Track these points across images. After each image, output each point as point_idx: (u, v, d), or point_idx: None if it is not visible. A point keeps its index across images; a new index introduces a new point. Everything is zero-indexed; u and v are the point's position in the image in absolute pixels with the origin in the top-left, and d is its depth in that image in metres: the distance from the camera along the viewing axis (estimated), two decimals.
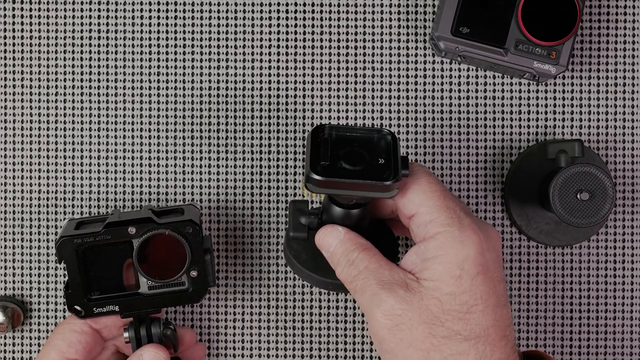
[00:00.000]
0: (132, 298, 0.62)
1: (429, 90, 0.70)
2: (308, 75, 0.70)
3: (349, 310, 0.71)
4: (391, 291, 0.54)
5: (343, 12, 0.70)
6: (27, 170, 0.70)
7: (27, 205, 0.70)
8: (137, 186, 0.70)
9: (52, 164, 0.70)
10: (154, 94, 0.70)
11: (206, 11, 0.70)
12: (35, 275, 0.70)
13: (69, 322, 0.63)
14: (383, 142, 0.57)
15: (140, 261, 0.61)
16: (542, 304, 0.70)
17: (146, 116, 0.70)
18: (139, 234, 0.61)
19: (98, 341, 0.64)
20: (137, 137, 0.70)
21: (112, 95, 0.70)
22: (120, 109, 0.70)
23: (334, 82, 0.70)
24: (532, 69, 0.66)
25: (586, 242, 0.70)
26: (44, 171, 0.70)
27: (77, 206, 0.70)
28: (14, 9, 0.71)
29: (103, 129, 0.70)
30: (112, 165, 0.70)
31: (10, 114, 0.71)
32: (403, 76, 0.70)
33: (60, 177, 0.70)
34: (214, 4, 0.70)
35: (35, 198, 0.70)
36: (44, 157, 0.70)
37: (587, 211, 0.64)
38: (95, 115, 0.71)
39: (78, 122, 0.70)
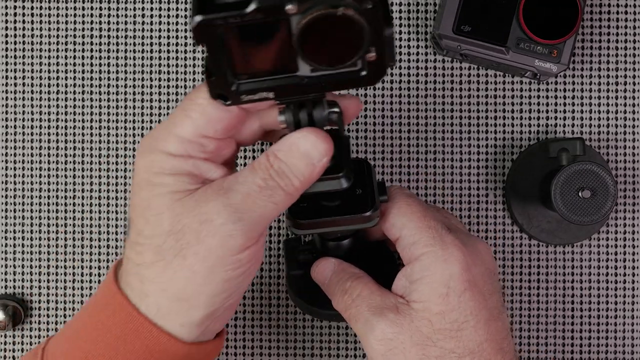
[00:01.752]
0: (289, 81, 0.48)
1: (430, 89, 0.70)
2: None
3: None
4: (382, 316, 0.54)
5: None
6: (27, 168, 0.70)
7: (27, 204, 0.70)
8: None
9: (54, 162, 0.70)
10: (155, 92, 0.70)
11: None
12: (35, 273, 0.70)
13: (204, 95, 0.49)
14: (359, 172, 0.56)
15: (302, 42, 0.45)
16: (544, 302, 0.70)
17: (147, 114, 0.70)
18: (300, 11, 0.44)
19: (241, 119, 0.51)
20: (139, 135, 0.70)
21: (113, 93, 0.70)
22: (121, 107, 0.70)
23: None
24: (534, 68, 0.66)
25: (587, 241, 0.70)
26: (44, 169, 0.70)
27: (79, 204, 0.70)
28: (15, 7, 0.71)
29: (104, 127, 0.70)
30: (113, 164, 0.70)
31: (11, 112, 0.70)
32: (404, 74, 0.70)
33: (62, 175, 0.70)
34: None
35: (36, 196, 0.70)
36: (45, 154, 0.70)
37: (588, 209, 0.64)
38: (96, 114, 0.70)
39: (79, 120, 0.70)
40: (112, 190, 0.70)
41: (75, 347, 0.52)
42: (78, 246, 0.70)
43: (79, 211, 0.70)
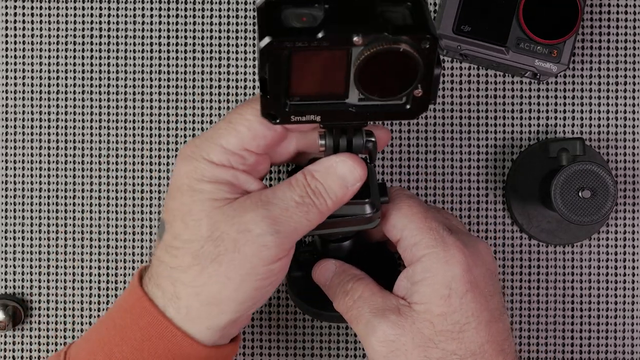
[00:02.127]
0: (337, 107, 0.50)
1: None
2: None
3: None
4: (383, 317, 0.54)
5: None
6: (27, 168, 0.70)
7: (27, 204, 0.70)
8: (138, 184, 0.70)
9: (54, 162, 0.70)
10: (155, 92, 0.70)
11: (207, 9, 0.70)
12: (35, 273, 0.70)
13: (253, 111, 0.52)
14: None
15: (361, 73, 0.48)
16: (543, 302, 0.70)
17: (147, 114, 0.70)
18: (364, 43, 0.47)
19: (283, 138, 0.55)
20: (139, 135, 0.70)
21: (113, 93, 0.70)
22: (121, 107, 0.70)
23: None
24: (534, 68, 0.66)
25: (587, 241, 0.70)
26: (44, 169, 0.70)
27: (79, 204, 0.70)
28: (15, 7, 0.71)
29: (104, 127, 0.70)
30: (113, 163, 0.70)
31: (11, 112, 0.70)
32: None
33: (62, 175, 0.70)
34: (215, 3, 0.70)
35: (36, 196, 0.70)
36: (45, 154, 0.70)
37: (588, 209, 0.64)
38: (96, 114, 0.70)
39: (79, 120, 0.70)
40: (112, 190, 0.70)
41: (99, 349, 0.53)
42: (78, 246, 0.70)
43: (79, 211, 0.70)
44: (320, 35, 0.46)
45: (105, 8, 0.70)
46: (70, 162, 0.70)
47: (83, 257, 0.70)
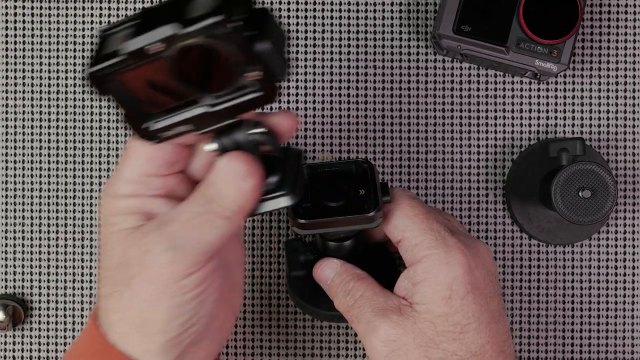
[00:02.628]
0: (198, 112, 0.49)
1: (430, 89, 0.70)
2: (310, 74, 0.70)
3: None
4: (385, 317, 0.54)
5: (344, 10, 0.70)
6: (27, 168, 0.70)
7: (27, 204, 0.70)
8: None
9: (54, 162, 0.70)
10: None
11: None
12: (36, 273, 0.70)
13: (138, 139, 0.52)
14: (362, 172, 0.57)
15: (179, 76, 0.46)
16: (544, 302, 0.70)
17: None
18: (165, 49, 0.45)
19: (183, 154, 0.53)
20: None
21: None
22: None
23: (335, 81, 0.70)
24: (534, 67, 0.66)
25: (587, 241, 0.70)
26: (44, 169, 0.70)
27: (79, 204, 0.70)
28: (15, 7, 0.71)
29: (104, 127, 0.70)
30: (113, 163, 0.70)
31: (11, 112, 0.70)
32: (404, 74, 0.70)
33: (62, 175, 0.70)
34: None
35: (36, 196, 0.70)
36: (45, 154, 0.70)
37: (589, 209, 0.64)
38: (96, 114, 0.70)
39: (79, 120, 0.70)
40: None
41: None
42: (78, 246, 0.70)
43: (79, 211, 0.70)
44: (121, 54, 0.45)
45: (105, 8, 0.70)
46: (70, 162, 0.70)
47: (83, 257, 0.70)
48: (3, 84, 0.71)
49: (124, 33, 0.47)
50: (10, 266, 0.70)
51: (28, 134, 0.70)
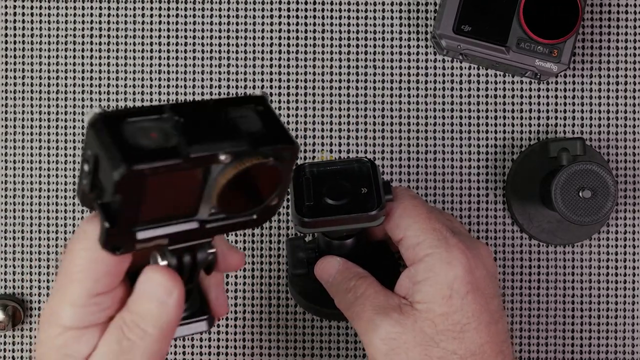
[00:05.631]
0: (186, 227, 0.46)
1: (430, 89, 0.70)
2: (310, 74, 0.70)
3: None
4: (386, 316, 0.54)
5: (345, 10, 0.70)
6: (27, 168, 0.70)
7: (27, 204, 0.70)
8: None
9: (54, 162, 0.70)
10: (155, 92, 0.70)
11: (208, 9, 0.70)
12: (35, 273, 0.70)
13: (83, 246, 0.45)
14: (364, 171, 0.57)
15: (223, 191, 0.44)
16: (544, 302, 0.70)
17: None
18: (230, 161, 0.43)
19: (127, 262, 0.47)
20: None
21: (113, 93, 0.70)
22: (121, 107, 0.70)
23: (335, 81, 0.70)
24: (534, 67, 0.66)
25: (588, 241, 0.70)
26: (44, 169, 0.70)
27: (79, 204, 0.70)
28: (15, 7, 0.71)
29: None
30: None
31: (11, 112, 0.70)
32: (404, 74, 0.70)
33: (62, 175, 0.70)
34: (215, 3, 0.70)
35: (36, 196, 0.70)
36: (45, 154, 0.70)
37: (589, 209, 0.64)
38: None
39: (79, 120, 0.70)
40: None
41: None
42: None
43: (79, 211, 0.70)
44: (185, 157, 0.41)
45: (105, 8, 0.70)
46: (70, 162, 0.70)
47: None
48: (3, 84, 0.71)
49: (154, 125, 0.42)
50: (10, 266, 0.70)
51: (28, 134, 0.70)
